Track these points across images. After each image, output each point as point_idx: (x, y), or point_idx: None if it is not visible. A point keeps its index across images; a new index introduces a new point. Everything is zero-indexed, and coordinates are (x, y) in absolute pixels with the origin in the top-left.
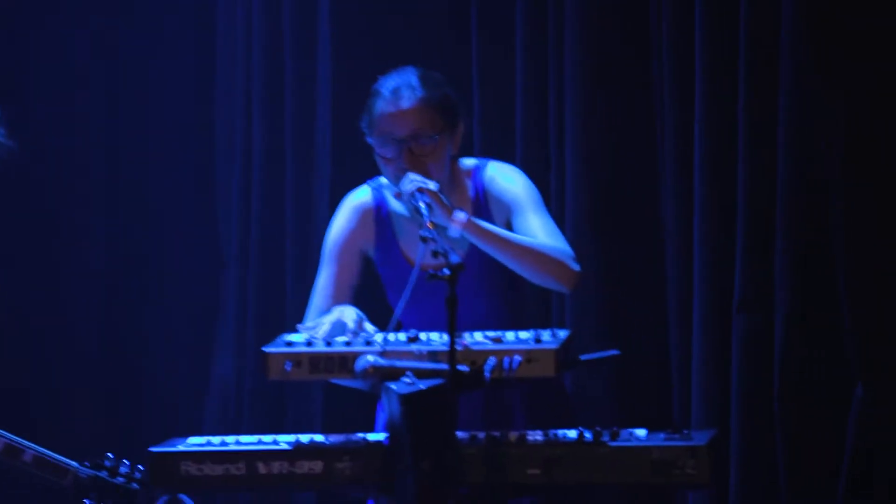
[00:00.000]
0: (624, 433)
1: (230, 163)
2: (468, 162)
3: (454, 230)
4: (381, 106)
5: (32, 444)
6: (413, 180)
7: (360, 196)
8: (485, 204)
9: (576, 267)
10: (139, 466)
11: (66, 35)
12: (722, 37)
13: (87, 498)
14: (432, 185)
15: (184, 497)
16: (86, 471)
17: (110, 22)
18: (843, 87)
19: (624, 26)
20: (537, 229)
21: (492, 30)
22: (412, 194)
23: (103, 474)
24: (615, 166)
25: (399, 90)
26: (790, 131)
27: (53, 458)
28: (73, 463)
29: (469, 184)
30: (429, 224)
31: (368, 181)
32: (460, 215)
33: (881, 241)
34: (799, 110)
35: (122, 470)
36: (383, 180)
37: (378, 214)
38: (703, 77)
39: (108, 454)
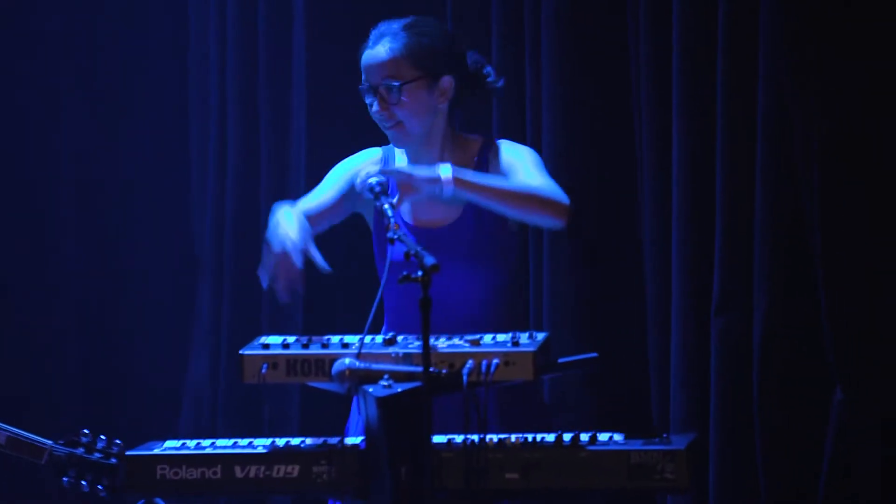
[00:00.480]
0: (602, 437)
1: (204, 165)
2: (477, 137)
3: (448, 190)
4: (362, 50)
5: (5, 426)
6: (366, 173)
7: (373, 154)
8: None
9: (565, 199)
10: (116, 441)
11: (39, 35)
12: (700, 35)
13: (65, 476)
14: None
15: (159, 501)
16: (61, 449)
17: (84, 21)
18: (818, 87)
19: (601, 23)
20: (531, 179)
21: (467, 27)
22: (370, 189)
23: (79, 451)
24: (592, 166)
25: (377, 37)
26: (769, 131)
27: (28, 438)
28: (48, 441)
29: (474, 156)
30: (394, 226)
31: (383, 146)
32: (446, 173)
33: (861, 242)
34: (778, 110)
35: (100, 445)
36: (398, 151)
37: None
38: (680, 76)
39: (84, 430)
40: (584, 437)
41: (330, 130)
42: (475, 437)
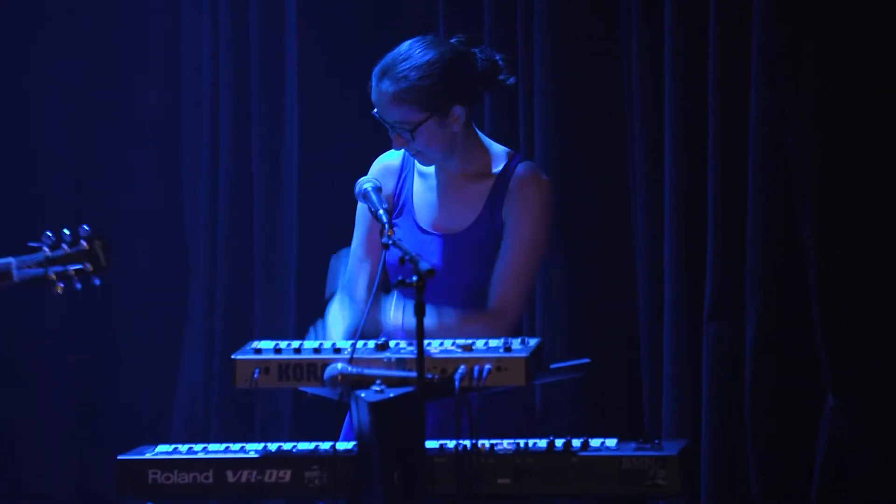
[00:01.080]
0: (594, 442)
1: (197, 168)
2: (501, 152)
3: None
4: (371, 87)
5: None
6: (362, 179)
7: (390, 156)
8: (501, 195)
9: (500, 328)
10: (83, 227)
11: (29, 37)
12: (692, 33)
13: (45, 284)
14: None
15: None
16: (28, 259)
17: (78, 25)
18: (816, 85)
19: (593, 22)
20: (505, 267)
21: (459, 28)
22: (364, 195)
23: (45, 252)
24: (584, 168)
25: (381, 77)
26: (763, 131)
27: None
28: (10, 259)
29: (495, 163)
30: (388, 231)
31: None
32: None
33: (858, 245)
34: (775, 111)
35: (66, 238)
36: None
37: (400, 175)
38: (672, 75)
39: (47, 232)
40: (576, 442)
41: (322, 133)
42: (467, 443)
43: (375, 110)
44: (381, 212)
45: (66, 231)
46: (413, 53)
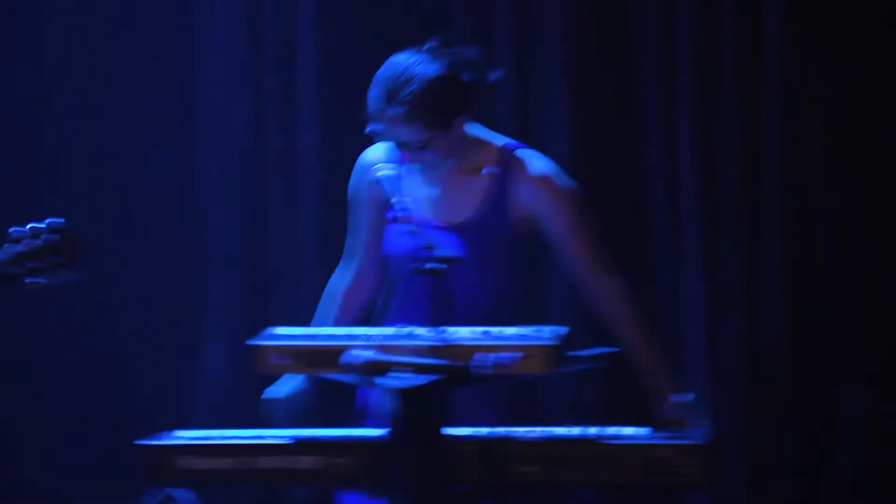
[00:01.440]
0: (622, 431)
1: (213, 157)
2: (492, 140)
3: None
4: (369, 107)
5: None
6: (378, 166)
7: (374, 151)
8: (504, 187)
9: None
10: (52, 220)
11: (32, 37)
12: (698, 40)
13: (16, 280)
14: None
15: (180, 493)
16: None
17: (79, 23)
18: (815, 85)
19: (607, 19)
20: (589, 261)
21: (472, 28)
22: (376, 182)
23: (21, 247)
24: (600, 166)
25: (386, 100)
26: (777, 129)
27: None
28: None
29: (491, 155)
30: (409, 219)
31: None
32: None
33: (869, 241)
34: (786, 107)
35: (32, 232)
36: None
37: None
38: (686, 74)
39: (13, 228)
40: (604, 431)
41: (337, 116)
42: (495, 430)
43: (370, 127)
44: (396, 199)
45: (37, 225)
46: (415, 72)
